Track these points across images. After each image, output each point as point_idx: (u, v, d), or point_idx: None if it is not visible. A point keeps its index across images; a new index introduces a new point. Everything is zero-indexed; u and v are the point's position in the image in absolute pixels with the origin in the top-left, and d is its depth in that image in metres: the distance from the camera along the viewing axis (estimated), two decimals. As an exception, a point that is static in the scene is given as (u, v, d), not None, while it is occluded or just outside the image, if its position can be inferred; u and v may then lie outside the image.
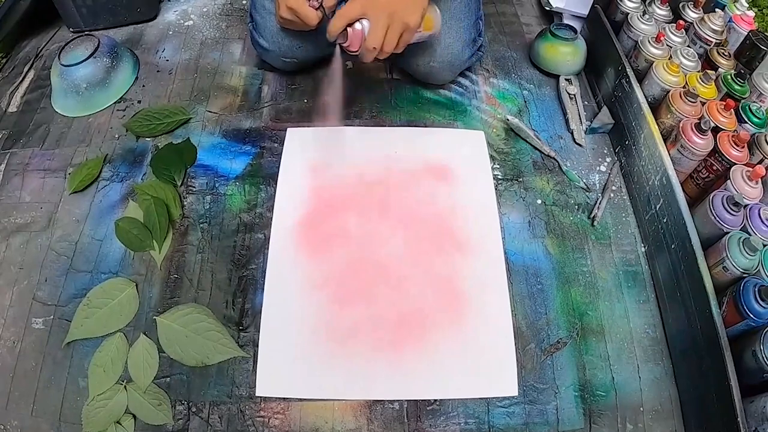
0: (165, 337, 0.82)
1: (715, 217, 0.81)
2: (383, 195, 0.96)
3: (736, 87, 0.96)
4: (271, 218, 0.93)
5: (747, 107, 0.93)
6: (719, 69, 1.02)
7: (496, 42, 1.24)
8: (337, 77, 0.90)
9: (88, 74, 1.08)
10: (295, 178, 0.98)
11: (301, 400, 0.78)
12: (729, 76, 0.97)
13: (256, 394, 0.78)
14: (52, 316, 0.85)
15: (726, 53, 1.03)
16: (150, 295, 0.86)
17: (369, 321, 0.84)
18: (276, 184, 0.97)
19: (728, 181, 0.85)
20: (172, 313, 0.84)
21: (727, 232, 0.80)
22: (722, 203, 0.81)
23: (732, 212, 0.81)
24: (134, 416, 0.78)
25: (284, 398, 0.78)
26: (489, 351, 0.82)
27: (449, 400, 0.79)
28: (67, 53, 1.09)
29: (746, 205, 0.82)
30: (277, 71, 1.14)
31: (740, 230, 0.81)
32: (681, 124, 0.90)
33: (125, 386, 0.79)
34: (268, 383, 0.79)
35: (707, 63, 1.04)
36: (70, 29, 1.24)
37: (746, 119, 0.93)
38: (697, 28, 1.06)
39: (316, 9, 0.87)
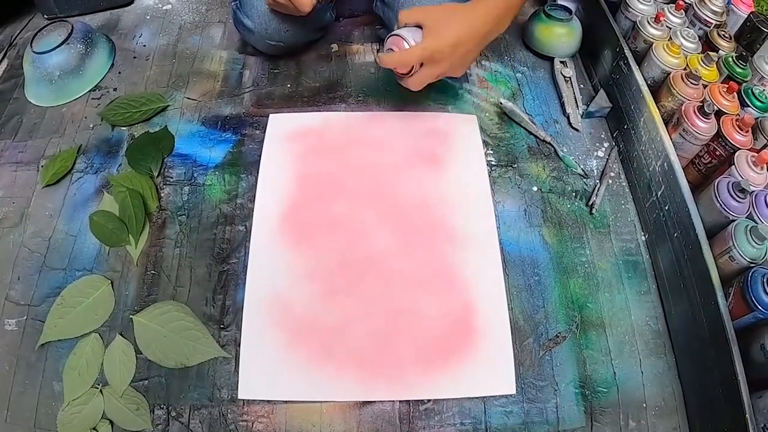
0: (142, 338, 0.77)
1: (720, 204, 0.76)
2: (371, 184, 0.90)
3: (738, 70, 0.91)
4: (253, 209, 0.87)
5: (750, 90, 0.88)
6: (720, 51, 0.96)
7: (489, 24, 1.17)
8: None
9: (61, 62, 1.02)
10: (278, 167, 0.92)
11: (286, 402, 0.73)
12: (730, 59, 0.92)
13: (239, 397, 0.73)
14: (25, 317, 0.79)
15: (726, 35, 0.98)
16: (126, 293, 0.81)
17: (358, 317, 0.78)
18: (258, 173, 0.91)
19: (732, 166, 0.80)
20: (149, 311, 0.78)
21: (733, 220, 0.75)
22: (728, 189, 0.76)
23: (738, 199, 0.76)
24: (111, 422, 0.73)
25: (268, 401, 0.73)
26: (485, 347, 0.76)
27: (444, 399, 0.74)
28: (40, 40, 1.03)
29: (752, 192, 0.77)
30: (259, 55, 1.08)
31: (746, 218, 0.76)
32: (683, 108, 0.85)
33: (101, 390, 0.74)
34: (251, 385, 0.73)
35: (707, 45, 0.99)
36: (45, 15, 1.18)
37: (749, 103, 0.88)
38: (696, 8, 1.00)
39: None
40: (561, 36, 1.06)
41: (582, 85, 1.06)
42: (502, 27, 0.84)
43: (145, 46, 1.12)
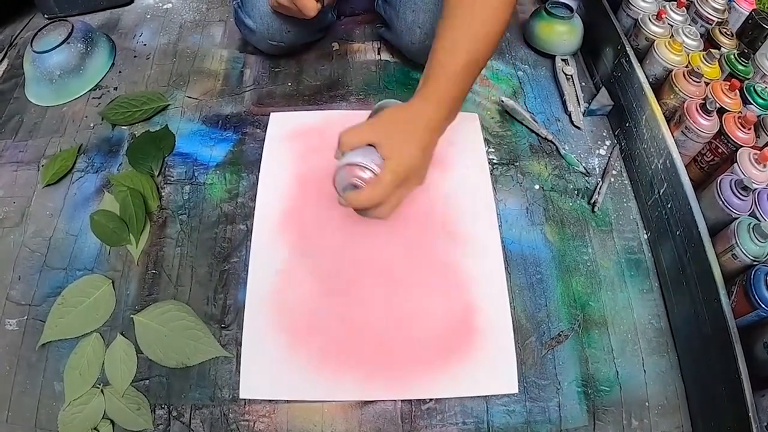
0: (143, 337, 0.76)
1: (723, 202, 0.76)
2: (372, 182, 0.89)
3: (740, 67, 0.91)
4: (254, 208, 0.86)
5: (752, 88, 0.88)
6: (722, 48, 0.96)
7: (490, 22, 1.16)
8: None
9: (61, 61, 1.01)
10: (279, 166, 0.91)
11: (287, 402, 0.73)
12: (732, 56, 0.92)
13: (240, 397, 0.72)
14: (26, 317, 0.79)
15: (728, 32, 0.97)
16: (127, 293, 0.80)
17: (359, 316, 0.77)
18: (259, 172, 0.90)
19: (734, 164, 0.79)
20: (150, 311, 0.78)
21: (736, 218, 0.75)
22: (730, 187, 0.76)
23: (741, 196, 0.75)
24: (112, 422, 0.72)
25: (270, 400, 0.73)
26: (487, 346, 0.76)
27: (446, 399, 0.73)
28: (40, 39, 1.03)
29: (755, 190, 0.76)
30: (259, 54, 1.07)
31: (749, 215, 0.75)
32: (685, 105, 0.84)
33: (102, 390, 0.74)
34: (252, 385, 0.73)
35: (709, 42, 0.98)
36: (45, 15, 1.18)
37: (751, 100, 0.87)
38: (698, 6, 0.99)
39: (317, 1, 0.82)
40: (562, 34, 1.06)
41: (583, 83, 1.06)
42: (456, 112, 0.72)
43: (145, 45, 1.12)
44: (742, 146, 0.81)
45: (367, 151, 0.66)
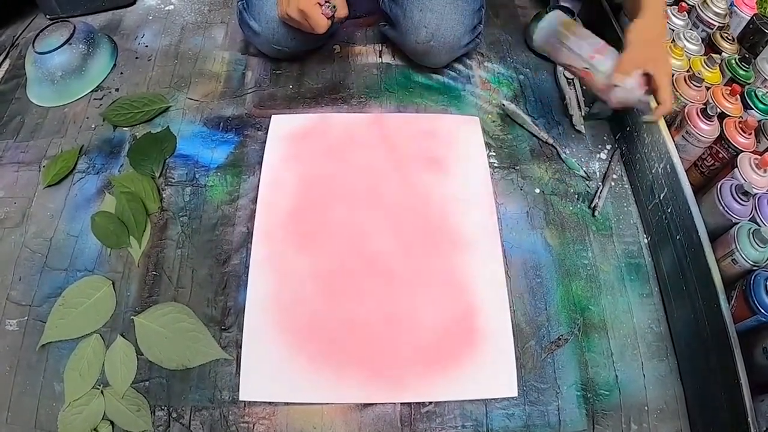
0: (143, 339, 0.76)
1: (723, 207, 0.76)
2: (373, 185, 0.89)
3: (741, 72, 0.91)
4: (255, 210, 0.86)
5: (753, 93, 0.88)
6: (723, 53, 0.96)
7: (490, 25, 1.16)
8: None
9: (63, 62, 1.01)
10: (280, 168, 0.91)
11: (287, 404, 0.73)
12: (733, 61, 0.92)
13: (240, 399, 0.72)
14: (26, 317, 0.79)
15: (729, 37, 0.97)
16: (127, 294, 0.80)
17: (359, 319, 0.77)
18: (260, 174, 0.90)
19: (735, 169, 0.79)
20: (150, 312, 0.78)
21: (736, 223, 0.75)
22: (731, 192, 0.76)
23: (741, 202, 0.75)
24: (112, 423, 0.72)
25: (270, 402, 0.73)
26: (487, 349, 0.76)
27: (445, 402, 0.73)
28: (42, 40, 1.02)
29: (755, 195, 0.76)
30: (261, 56, 1.07)
31: (749, 221, 0.75)
32: (686, 110, 0.84)
33: (102, 391, 0.73)
34: (252, 387, 0.73)
35: (710, 47, 0.98)
36: (47, 16, 1.17)
37: (752, 105, 0.87)
38: (699, 10, 1.00)
39: (328, 18, 0.83)
40: (563, 38, 1.05)
41: (584, 87, 1.05)
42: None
43: (147, 46, 1.12)
44: (742, 151, 0.81)
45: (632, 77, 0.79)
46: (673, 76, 0.88)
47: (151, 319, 0.77)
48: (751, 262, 0.71)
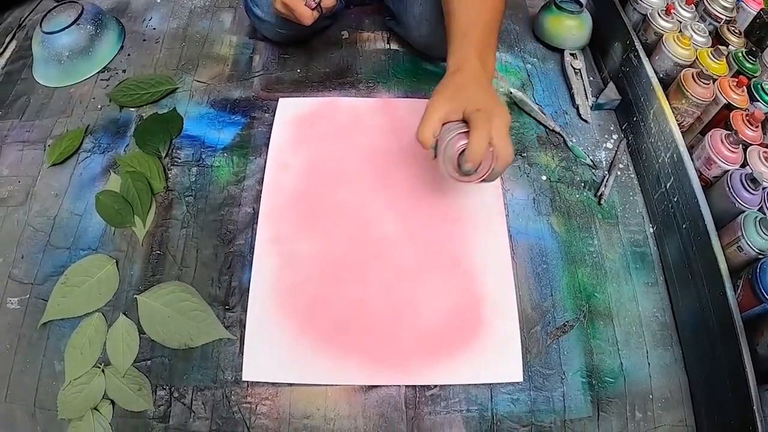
0: (146, 318, 0.74)
1: (733, 195, 0.73)
2: (380, 169, 0.87)
3: (748, 65, 0.89)
4: (261, 191, 0.84)
5: (759, 85, 0.86)
6: (730, 46, 0.94)
7: (499, 15, 1.14)
8: None
9: (70, 42, 0.99)
10: (287, 150, 0.88)
11: (290, 385, 0.70)
12: (740, 54, 0.89)
13: (243, 379, 0.70)
14: (28, 296, 0.76)
15: (736, 30, 0.95)
16: (131, 273, 0.78)
17: (364, 301, 0.75)
18: (266, 156, 0.88)
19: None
20: (154, 291, 0.75)
21: (743, 211, 0.73)
22: (741, 180, 0.74)
23: (751, 190, 0.73)
24: (112, 402, 0.70)
25: (273, 383, 0.70)
26: (492, 334, 0.73)
27: (450, 386, 0.71)
28: (49, 20, 1.00)
29: (765, 188, 0.74)
30: (269, 41, 1.04)
31: (758, 211, 0.73)
32: (682, 74, 0.83)
33: (103, 370, 0.71)
34: (255, 367, 0.71)
35: (717, 40, 0.96)
36: (54, -2, 1.14)
37: (758, 98, 0.85)
38: (706, 4, 0.97)
39: (313, 9, 0.80)
40: (571, 28, 1.03)
41: (591, 78, 1.03)
42: (492, 65, 0.74)
43: (155, 29, 1.09)
44: (750, 143, 0.79)
45: (449, 126, 0.66)
46: (680, 74, 0.86)
47: (155, 297, 0.75)
48: (757, 250, 0.69)
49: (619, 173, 0.91)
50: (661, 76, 0.90)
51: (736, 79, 0.84)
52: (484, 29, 0.72)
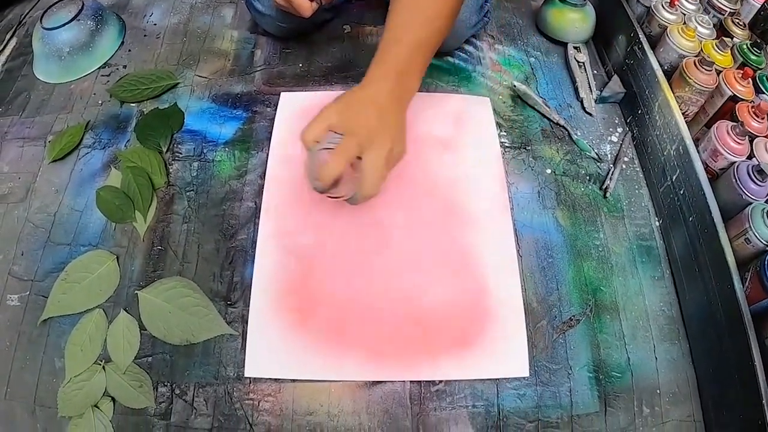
0: (147, 314, 0.72)
1: (740, 187, 0.72)
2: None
3: (753, 57, 0.87)
4: (263, 186, 0.82)
5: (765, 77, 0.84)
6: (734, 39, 0.92)
7: (501, 8, 1.13)
8: None
9: (70, 38, 0.97)
10: (289, 144, 0.86)
11: (293, 381, 0.69)
12: (745, 46, 0.88)
13: (245, 375, 0.69)
14: (28, 292, 0.75)
15: (741, 23, 0.94)
16: (132, 269, 0.76)
17: (368, 296, 0.73)
18: (268, 150, 0.86)
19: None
20: (155, 287, 0.74)
21: (750, 203, 0.71)
22: (747, 172, 0.72)
23: (758, 182, 0.72)
24: (113, 399, 0.68)
25: (275, 379, 0.69)
26: (498, 328, 0.72)
27: (456, 381, 0.69)
28: (50, 16, 0.99)
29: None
30: (270, 35, 1.03)
31: (765, 202, 0.72)
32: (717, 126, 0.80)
33: (104, 367, 0.70)
34: (257, 363, 0.69)
35: (721, 32, 0.95)
36: (54, -5, 1.13)
37: (764, 90, 0.84)
38: (711, -4, 0.96)
39: (312, 0, 0.79)
40: (574, 21, 1.02)
41: (595, 71, 1.02)
42: (410, 87, 0.70)
43: (155, 24, 1.08)
44: (757, 135, 0.77)
45: (328, 137, 0.64)
46: (682, 61, 0.85)
47: (156, 293, 0.73)
48: (765, 242, 0.68)
49: (624, 166, 0.89)
50: (666, 68, 0.89)
51: (742, 71, 0.83)
52: (413, 46, 0.68)
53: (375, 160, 0.63)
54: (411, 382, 0.69)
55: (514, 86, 0.95)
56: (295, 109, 0.91)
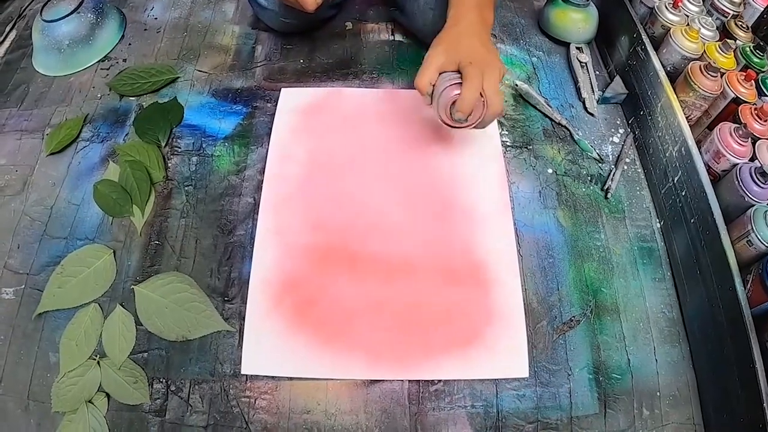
0: (143, 309, 0.71)
1: (742, 189, 0.71)
2: (384, 160, 0.84)
3: (755, 60, 0.86)
4: (262, 181, 0.81)
5: (767, 80, 0.83)
6: (737, 41, 0.91)
7: (504, 8, 1.11)
8: None
9: (70, 30, 0.96)
10: (289, 140, 0.85)
11: (290, 379, 0.68)
12: (748, 49, 0.87)
13: (242, 372, 0.67)
14: (23, 286, 0.74)
15: (744, 25, 0.93)
16: (128, 263, 0.75)
17: (367, 294, 0.72)
18: (268, 146, 0.85)
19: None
20: (151, 282, 0.72)
21: (752, 205, 0.70)
22: (750, 174, 0.71)
23: (760, 184, 0.70)
24: (108, 395, 0.67)
25: (272, 377, 0.68)
26: (498, 329, 0.70)
27: (455, 381, 0.68)
28: (50, 9, 0.97)
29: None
30: (272, 31, 1.01)
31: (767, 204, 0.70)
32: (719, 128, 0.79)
33: (99, 362, 0.68)
34: (254, 360, 0.68)
35: (724, 35, 0.94)
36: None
37: (766, 92, 0.83)
38: (714, -1, 0.95)
39: None
40: (577, 21, 1.00)
41: (597, 72, 1.00)
42: (490, 18, 0.79)
43: (156, 18, 1.06)
44: (759, 138, 0.76)
45: (445, 76, 0.71)
46: (688, 66, 0.83)
47: (152, 288, 0.72)
48: (767, 244, 0.66)
49: (625, 167, 0.88)
50: (669, 69, 0.87)
51: (744, 74, 0.82)
52: None
53: (493, 81, 0.70)
54: (409, 381, 0.68)
55: (516, 85, 0.94)
56: (296, 105, 0.90)
